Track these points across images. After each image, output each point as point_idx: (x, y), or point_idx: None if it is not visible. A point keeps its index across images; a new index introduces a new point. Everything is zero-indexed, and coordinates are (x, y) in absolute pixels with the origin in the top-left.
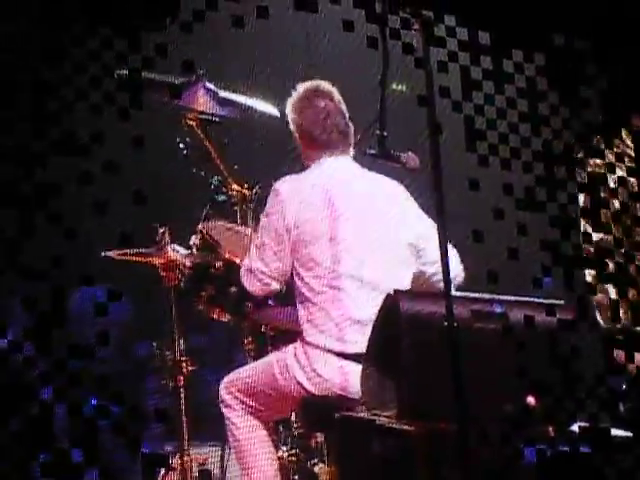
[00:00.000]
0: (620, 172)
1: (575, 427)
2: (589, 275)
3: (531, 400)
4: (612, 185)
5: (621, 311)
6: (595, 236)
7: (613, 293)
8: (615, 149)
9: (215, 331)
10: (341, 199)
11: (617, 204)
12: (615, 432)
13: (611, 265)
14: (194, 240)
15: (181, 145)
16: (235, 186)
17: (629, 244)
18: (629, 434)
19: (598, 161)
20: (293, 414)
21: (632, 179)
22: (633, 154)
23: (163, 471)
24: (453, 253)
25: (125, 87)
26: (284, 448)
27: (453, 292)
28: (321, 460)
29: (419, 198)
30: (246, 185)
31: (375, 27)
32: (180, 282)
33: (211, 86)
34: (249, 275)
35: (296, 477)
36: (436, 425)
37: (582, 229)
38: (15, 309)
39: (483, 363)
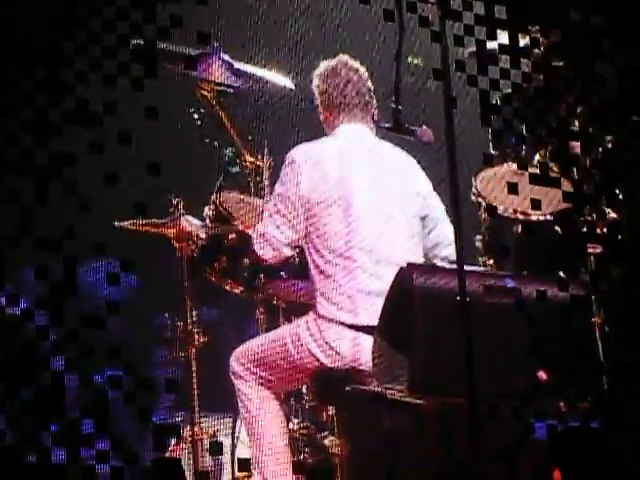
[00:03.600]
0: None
1: (586, 402)
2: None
3: (542, 375)
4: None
5: None
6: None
7: None
8: None
9: (227, 303)
10: (356, 168)
11: None
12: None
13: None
14: (208, 211)
15: (195, 116)
16: (249, 157)
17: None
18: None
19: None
20: (304, 387)
21: None
22: None
23: (174, 441)
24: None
25: (140, 57)
26: (295, 421)
27: (466, 267)
28: (332, 433)
29: (433, 172)
30: (260, 156)
31: (391, 0)
32: (193, 253)
33: (226, 57)
34: (260, 239)
35: (306, 449)
36: (447, 399)
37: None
38: (28, 278)
39: (495, 338)
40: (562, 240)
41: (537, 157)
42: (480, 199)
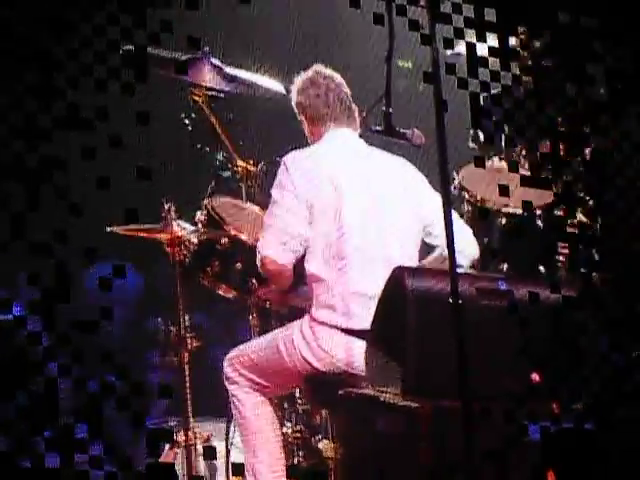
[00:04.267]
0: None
1: (579, 404)
2: None
3: (535, 377)
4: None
5: None
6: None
7: None
8: None
9: (220, 307)
10: (348, 173)
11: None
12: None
13: None
14: (199, 216)
15: (186, 121)
16: (240, 162)
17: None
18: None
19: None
20: (297, 390)
21: None
22: None
23: (167, 446)
24: (466, 230)
25: (130, 62)
26: (288, 424)
27: (458, 269)
28: (325, 436)
29: (423, 173)
30: (251, 161)
31: (381, 3)
32: (185, 258)
33: (217, 62)
34: (276, 249)
35: (300, 453)
36: (440, 402)
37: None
38: (20, 283)
39: (488, 340)
40: (545, 233)
41: (515, 153)
42: (463, 192)
